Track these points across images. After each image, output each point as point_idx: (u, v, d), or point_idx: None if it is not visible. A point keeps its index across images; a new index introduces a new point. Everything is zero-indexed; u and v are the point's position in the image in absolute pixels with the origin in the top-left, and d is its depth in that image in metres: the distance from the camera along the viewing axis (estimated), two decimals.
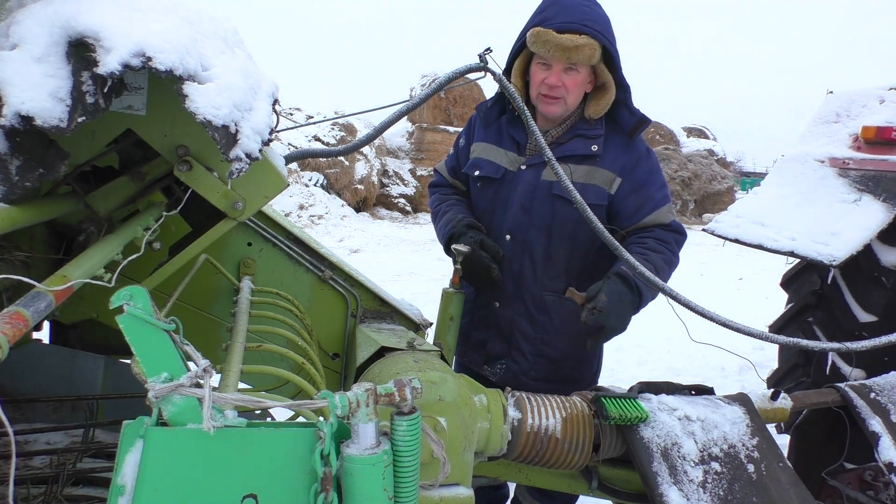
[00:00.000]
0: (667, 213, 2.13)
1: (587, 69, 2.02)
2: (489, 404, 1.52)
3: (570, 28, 1.95)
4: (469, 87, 18.73)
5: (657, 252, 2.04)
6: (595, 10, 2.01)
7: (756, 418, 1.73)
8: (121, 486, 0.81)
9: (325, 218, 14.44)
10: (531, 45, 2.01)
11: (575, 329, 2.18)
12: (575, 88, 2.04)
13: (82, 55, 0.95)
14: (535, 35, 1.98)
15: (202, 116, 1.01)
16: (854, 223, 2.55)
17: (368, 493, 0.84)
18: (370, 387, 0.87)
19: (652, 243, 2.07)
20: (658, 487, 1.52)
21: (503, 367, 2.26)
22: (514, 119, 2.20)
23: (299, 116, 16.10)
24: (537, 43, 1.98)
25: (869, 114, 2.90)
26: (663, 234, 2.10)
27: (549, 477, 1.78)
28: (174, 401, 0.82)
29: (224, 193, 1.36)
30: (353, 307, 2.03)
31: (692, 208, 23.22)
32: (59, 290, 0.88)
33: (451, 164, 2.43)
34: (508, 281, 2.18)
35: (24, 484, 1.42)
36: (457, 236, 2.13)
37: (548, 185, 2.09)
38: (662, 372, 5.26)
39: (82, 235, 1.35)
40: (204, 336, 1.83)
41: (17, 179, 0.93)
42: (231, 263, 1.88)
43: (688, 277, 9.13)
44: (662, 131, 25.06)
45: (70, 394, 1.84)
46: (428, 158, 19.25)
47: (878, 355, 2.53)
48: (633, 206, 2.10)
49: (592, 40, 1.95)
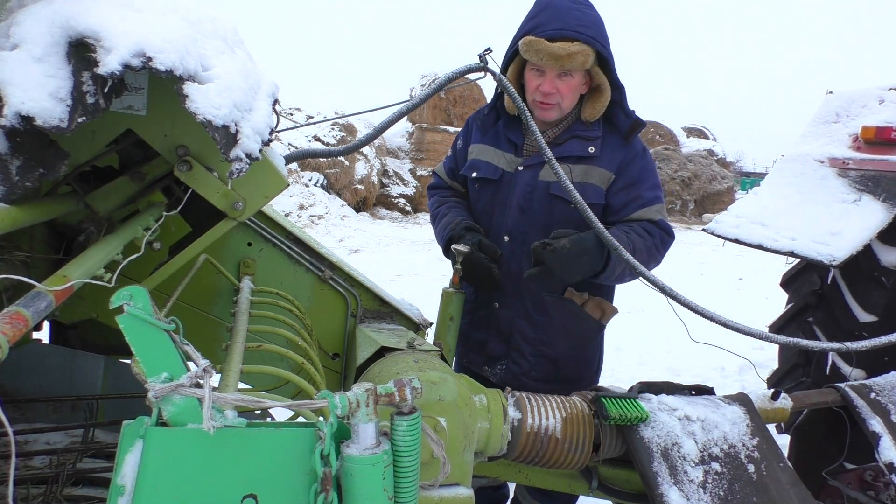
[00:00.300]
0: (655, 211, 2.12)
1: (581, 73, 2.02)
2: (489, 404, 1.52)
3: (562, 35, 1.94)
4: (469, 87, 18.74)
5: (641, 237, 2.04)
6: (588, 14, 2.00)
7: (756, 418, 1.73)
8: (121, 486, 0.81)
9: (325, 218, 14.44)
10: (524, 54, 2.01)
11: (575, 329, 2.18)
12: (569, 94, 2.04)
13: (82, 55, 0.95)
14: (527, 44, 1.98)
15: (202, 116, 1.01)
16: (854, 223, 2.55)
17: (368, 493, 0.84)
18: (370, 387, 0.87)
19: (638, 229, 2.06)
20: (658, 487, 1.52)
21: (503, 368, 2.26)
22: (510, 122, 2.21)
23: (299, 116, 16.11)
24: (530, 51, 1.98)
25: (869, 114, 2.90)
26: (651, 227, 2.09)
27: (549, 477, 1.78)
28: (174, 401, 0.82)
29: (224, 193, 1.36)
30: (353, 307, 2.03)
31: (692, 208, 23.21)
32: (59, 290, 0.88)
33: (450, 165, 2.44)
34: (507, 282, 2.18)
35: (24, 484, 1.42)
36: (455, 238, 2.13)
37: (545, 186, 2.09)
38: (662, 372, 5.26)
39: (82, 235, 1.35)
40: (204, 336, 1.83)
41: (17, 179, 0.93)
42: (231, 263, 1.88)
43: (688, 277, 9.14)
44: (662, 131, 25.06)
45: (70, 394, 1.84)
46: (428, 158, 19.25)
47: (878, 355, 2.53)
48: (622, 201, 2.10)
49: (585, 46, 1.94)
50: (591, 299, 2.18)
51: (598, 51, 1.97)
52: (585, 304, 2.17)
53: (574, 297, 2.15)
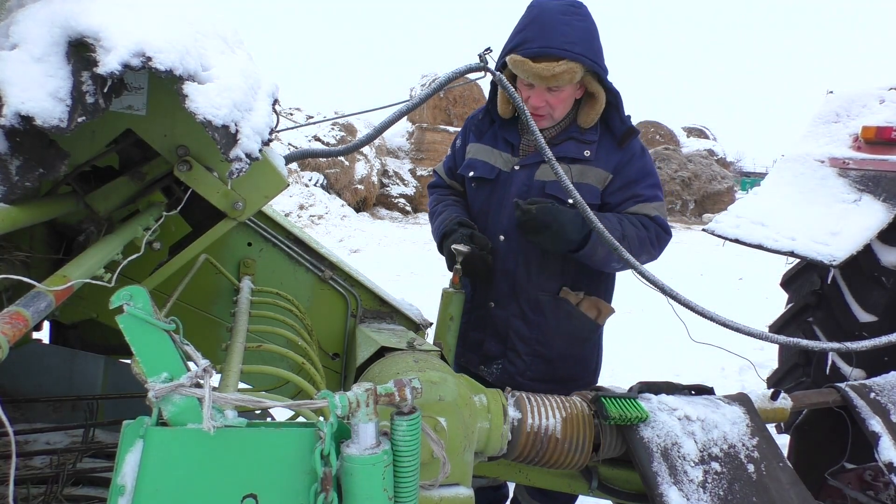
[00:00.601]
0: (653, 208, 2.11)
1: (572, 85, 2.01)
2: (489, 404, 1.52)
3: (547, 54, 1.92)
4: (469, 87, 18.73)
5: (634, 226, 2.04)
6: (576, 27, 1.95)
7: (756, 418, 1.73)
8: (121, 486, 0.81)
9: (325, 218, 14.43)
10: (512, 69, 2.01)
11: (570, 329, 2.18)
12: (559, 105, 2.05)
13: (82, 55, 0.95)
14: (513, 63, 1.98)
15: (202, 116, 1.01)
16: (854, 223, 2.55)
17: (368, 493, 0.84)
18: (370, 387, 0.87)
19: (633, 219, 2.07)
20: (658, 487, 1.52)
21: (499, 368, 2.27)
22: (506, 123, 2.22)
23: (299, 116, 16.10)
24: (517, 69, 1.99)
25: (869, 114, 2.90)
26: (647, 221, 2.09)
27: (549, 477, 1.78)
28: (174, 401, 0.82)
29: (224, 193, 1.36)
30: (353, 307, 2.03)
31: (692, 208, 23.21)
32: (59, 290, 0.88)
33: (449, 165, 2.47)
34: (503, 281, 2.19)
35: (24, 484, 1.42)
36: (448, 234, 2.15)
37: (541, 185, 2.10)
38: (662, 372, 5.26)
39: (82, 235, 1.35)
40: (204, 336, 1.83)
41: (17, 179, 0.93)
42: (231, 263, 1.88)
43: (688, 277, 9.14)
44: (662, 131, 25.05)
45: (70, 394, 1.84)
46: (428, 158, 19.25)
47: (878, 355, 2.53)
48: (619, 199, 2.10)
49: (572, 63, 1.92)
50: (587, 299, 2.18)
51: (587, 65, 1.95)
52: (580, 303, 2.17)
53: (569, 297, 2.16)
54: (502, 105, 2.17)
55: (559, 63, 1.91)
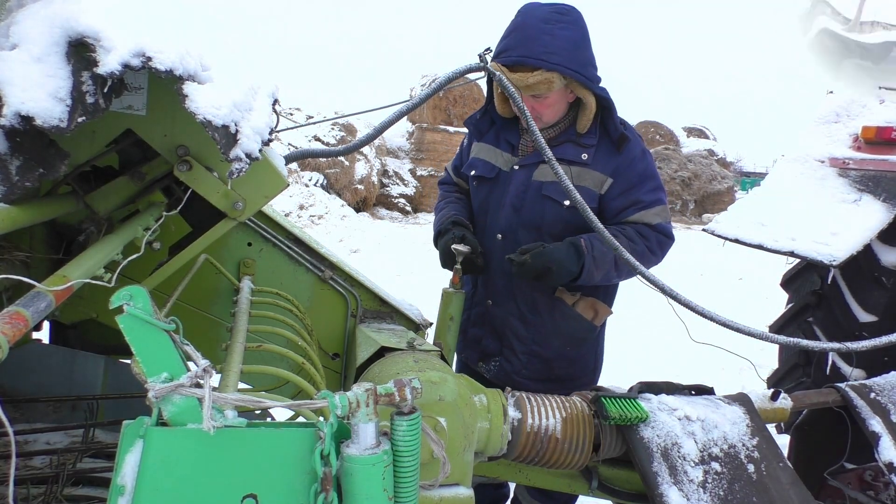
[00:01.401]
0: (654, 214, 2.10)
1: (558, 90, 2.00)
2: (489, 404, 1.52)
3: (523, 63, 1.92)
4: (469, 87, 18.71)
5: (631, 240, 2.04)
6: (558, 35, 1.93)
7: (756, 418, 1.73)
8: (121, 486, 0.81)
9: (325, 218, 14.43)
10: None
11: (566, 329, 2.19)
12: (546, 110, 2.05)
13: (82, 55, 0.95)
14: (495, 69, 1.96)
15: (202, 116, 1.01)
16: (854, 223, 2.55)
17: (368, 493, 0.84)
18: (370, 387, 0.87)
19: (630, 231, 2.06)
20: (658, 487, 1.52)
21: (496, 365, 2.29)
22: (506, 123, 2.23)
23: (299, 116, 16.10)
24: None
25: (869, 114, 2.91)
26: (646, 230, 2.09)
27: (549, 477, 1.78)
28: (174, 401, 0.82)
29: (224, 193, 1.36)
30: (353, 307, 2.03)
31: (692, 208, 23.21)
32: (59, 290, 0.88)
33: (456, 163, 2.50)
34: (500, 280, 2.20)
35: (24, 484, 1.42)
36: (443, 233, 2.18)
37: (538, 186, 2.11)
38: (662, 372, 5.26)
39: (82, 235, 1.35)
40: (204, 336, 1.83)
41: (17, 179, 0.93)
42: (231, 263, 1.88)
43: (688, 277, 9.13)
44: (662, 131, 25.05)
45: (70, 394, 1.84)
46: (428, 158, 19.24)
47: (878, 355, 2.53)
48: (620, 205, 2.10)
49: (548, 74, 1.91)
50: (583, 299, 2.18)
51: (568, 75, 1.94)
52: (576, 304, 2.17)
53: (565, 297, 2.16)
54: (500, 105, 2.17)
55: (534, 73, 1.91)
